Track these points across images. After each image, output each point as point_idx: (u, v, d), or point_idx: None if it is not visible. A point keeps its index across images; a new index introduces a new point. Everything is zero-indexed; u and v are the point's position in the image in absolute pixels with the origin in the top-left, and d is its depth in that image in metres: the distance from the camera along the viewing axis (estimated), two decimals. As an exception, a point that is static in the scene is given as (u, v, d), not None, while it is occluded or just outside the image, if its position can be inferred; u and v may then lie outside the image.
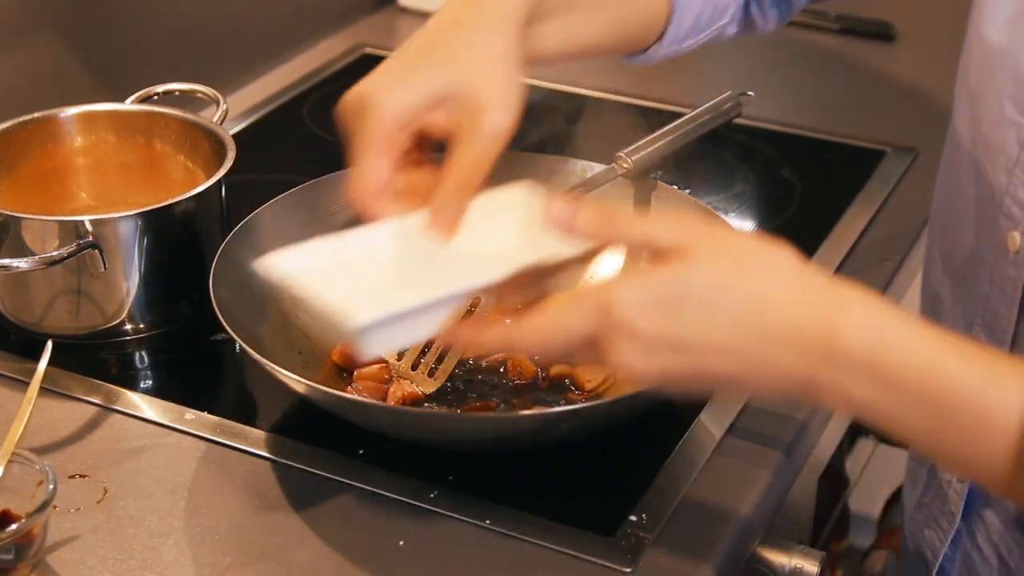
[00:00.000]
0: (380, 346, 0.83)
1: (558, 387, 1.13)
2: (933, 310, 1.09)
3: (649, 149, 1.17)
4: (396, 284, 0.85)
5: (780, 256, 0.78)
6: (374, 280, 0.86)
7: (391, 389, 1.11)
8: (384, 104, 0.88)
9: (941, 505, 1.09)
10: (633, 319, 0.76)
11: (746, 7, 1.16)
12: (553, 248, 0.82)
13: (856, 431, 1.44)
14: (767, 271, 0.77)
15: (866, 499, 1.65)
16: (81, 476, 1.04)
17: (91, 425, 1.10)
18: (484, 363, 1.15)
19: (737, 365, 0.76)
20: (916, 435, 0.75)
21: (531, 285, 0.84)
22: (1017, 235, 0.93)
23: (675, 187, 1.24)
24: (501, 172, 1.23)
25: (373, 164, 0.88)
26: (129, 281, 1.18)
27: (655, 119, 1.17)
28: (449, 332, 0.84)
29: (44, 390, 1.09)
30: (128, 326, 1.20)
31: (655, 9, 1.08)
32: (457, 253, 0.87)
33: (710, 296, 0.76)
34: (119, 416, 1.11)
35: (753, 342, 0.76)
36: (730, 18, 1.14)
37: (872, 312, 0.75)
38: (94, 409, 1.12)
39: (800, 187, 1.49)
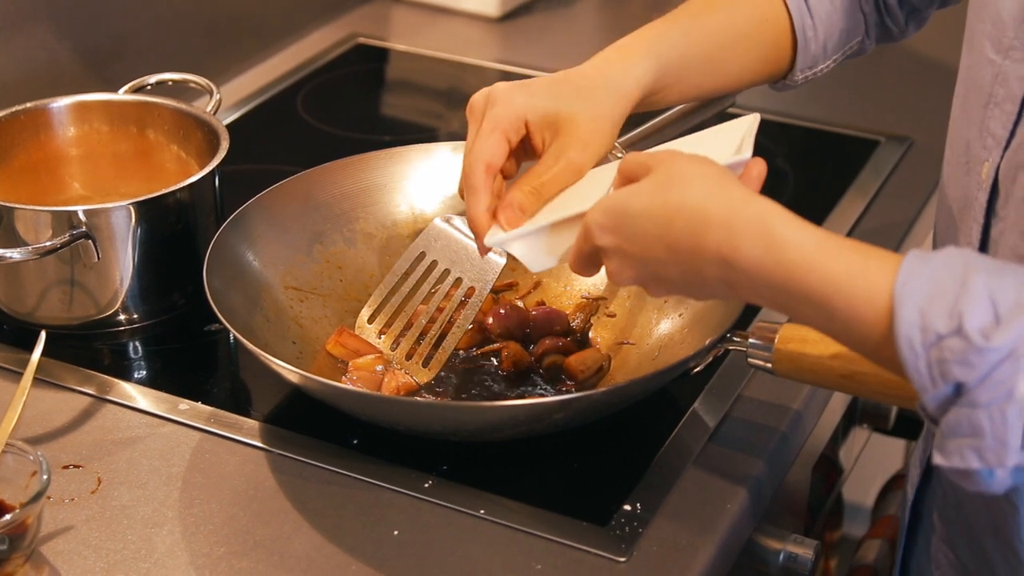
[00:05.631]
0: (535, 260, 1.01)
1: (552, 377, 1.13)
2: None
3: (643, 139, 1.17)
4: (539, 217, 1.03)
5: (697, 175, 0.88)
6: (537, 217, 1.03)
7: (386, 379, 1.11)
8: (513, 100, 1.02)
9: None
10: (598, 236, 0.91)
11: (881, 22, 1.20)
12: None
13: (850, 420, 1.44)
14: (680, 190, 0.87)
15: (860, 488, 1.65)
16: (75, 466, 1.04)
17: (85, 415, 1.10)
18: (478, 352, 1.15)
19: (676, 272, 0.88)
20: (812, 323, 0.85)
21: None
22: (988, 165, 0.97)
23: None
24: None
25: (497, 143, 1.02)
26: (122, 271, 1.18)
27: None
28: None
29: (38, 380, 1.09)
30: (122, 316, 1.20)
31: (780, 49, 1.16)
32: (568, 201, 1.03)
33: (642, 215, 0.88)
34: (113, 406, 1.11)
35: (674, 254, 0.87)
36: (863, 35, 1.20)
37: (761, 222, 0.84)
38: (88, 399, 1.12)
39: (794, 176, 1.49)
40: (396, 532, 0.98)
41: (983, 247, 0.97)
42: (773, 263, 0.82)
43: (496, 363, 1.14)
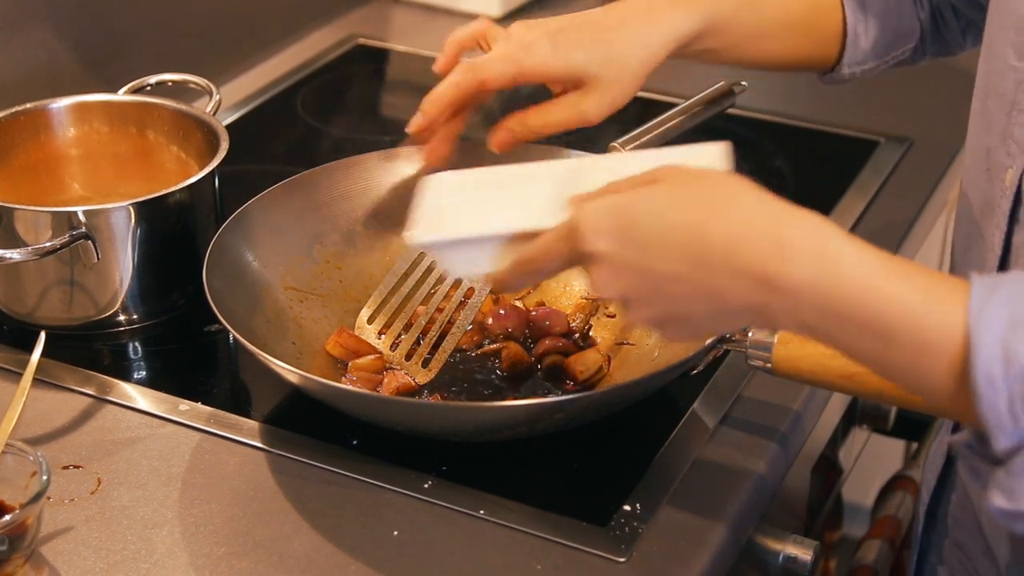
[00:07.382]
0: (458, 266, 0.94)
1: (552, 377, 1.13)
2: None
3: (643, 139, 1.17)
4: (469, 218, 0.94)
5: (734, 184, 0.80)
6: (463, 212, 0.95)
7: (385, 379, 1.11)
8: (539, 54, 1.05)
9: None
10: (591, 240, 0.80)
11: (937, 32, 1.20)
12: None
13: (850, 421, 1.44)
14: (716, 197, 0.79)
15: (860, 489, 1.65)
16: (75, 467, 1.04)
17: (85, 416, 1.10)
18: (478, 352, 1.15)
19: (689, 291, 0.78)
20: (863, 355, 0.76)
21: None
22: (1012, 172, 0.94)
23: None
24: (500, 161, 1.24)
25: (502, 70, 1.05)
26: (122, 272, 1.18)
27: (649, 109, 1.18)
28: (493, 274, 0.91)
29: (37, 381, 1.09)
30: (121, 317, 1.20)
31: (828, 39, 1.16)
32: (522, 201, 0.92)
33: (658, 220, 0.78)
34: (113, 407, 1.11)
35: (698, 268, 0.77)
36: (918, 42, 1.20)
37: (815, 237, 0.76)
38: (87, 400, 1.12)
39: (793, 177, 1.48)
40: (396, 532, 0.98)
41: (1005, 254, 0.96)
42: (827, 284, 0.74)
43: (496, 363, 1.14)
